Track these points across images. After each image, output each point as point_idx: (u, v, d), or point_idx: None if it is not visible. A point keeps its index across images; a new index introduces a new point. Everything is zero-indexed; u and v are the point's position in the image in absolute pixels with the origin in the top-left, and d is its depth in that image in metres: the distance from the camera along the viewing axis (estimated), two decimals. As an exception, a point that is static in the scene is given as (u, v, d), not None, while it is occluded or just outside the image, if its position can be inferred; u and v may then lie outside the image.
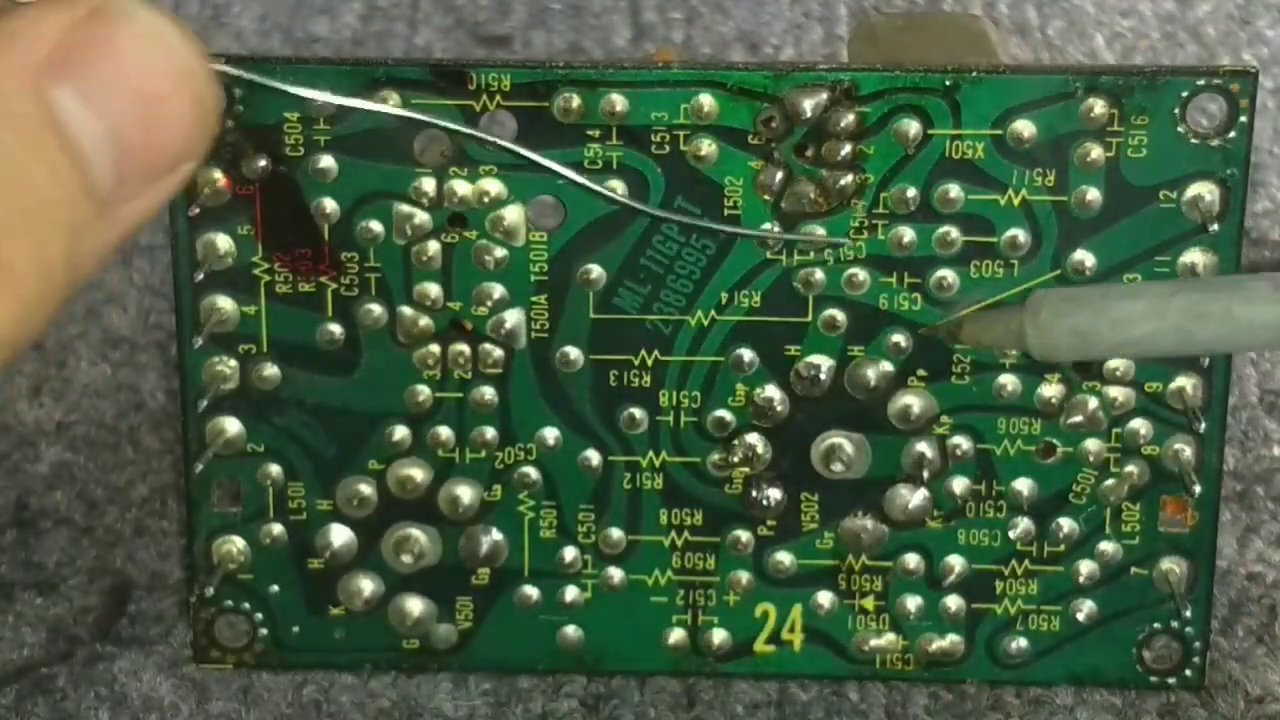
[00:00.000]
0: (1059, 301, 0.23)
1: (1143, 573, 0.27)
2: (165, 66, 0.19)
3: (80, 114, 0.19)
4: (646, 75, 0.25)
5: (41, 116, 0.18)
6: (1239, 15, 0.42)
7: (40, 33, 0.19)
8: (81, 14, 0.19)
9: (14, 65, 0.18)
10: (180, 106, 0.19)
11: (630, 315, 0.26)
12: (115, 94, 0.19)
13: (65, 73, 0.19)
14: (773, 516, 0.27)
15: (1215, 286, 0.22)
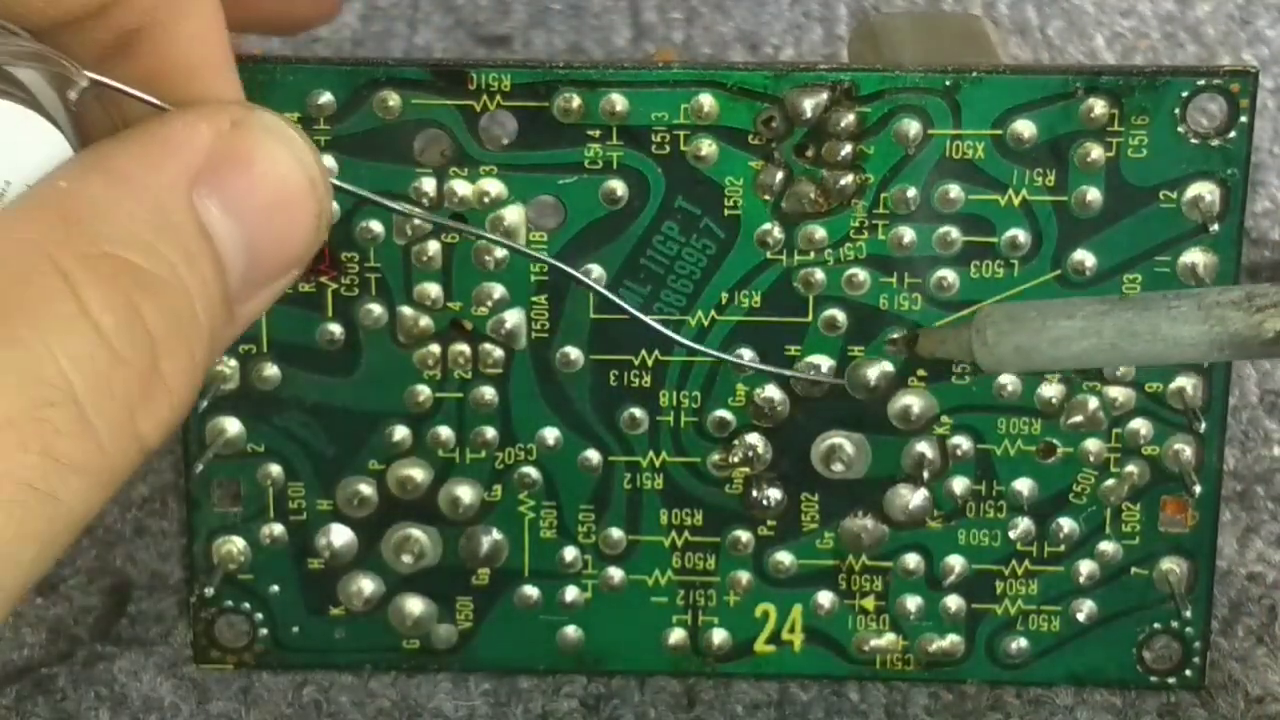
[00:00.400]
0: (1003, 320, 0.24)
1: (1143, 573, 0.27)
2: (296, 178, 0.20)
3: (223, 223, 0.19)
4: (647, 75, 0.25)
5: (196, 227, 0.19)
6: (1239, 15, 0.42)
7: (192, 143, 0.19)
8: (226, 125, 0.20)
9: (170, 177, 0.19)
10: (305, 216, 0.20)
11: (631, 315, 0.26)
12: (252, 204, 0.20)
13: (212, 183, 0.19)
14: (773, 517, 0.27)
15: (1144, 305, 0.23)
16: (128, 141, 0.19)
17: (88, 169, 0.19)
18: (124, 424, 0.18)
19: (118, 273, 0.18)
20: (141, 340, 0.18)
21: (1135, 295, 0.23)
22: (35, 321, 0.17)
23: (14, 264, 0.18)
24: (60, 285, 0.18)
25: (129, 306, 0.18)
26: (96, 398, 0.18)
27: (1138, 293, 0.24)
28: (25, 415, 0.17)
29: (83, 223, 0.18)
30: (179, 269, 0.19)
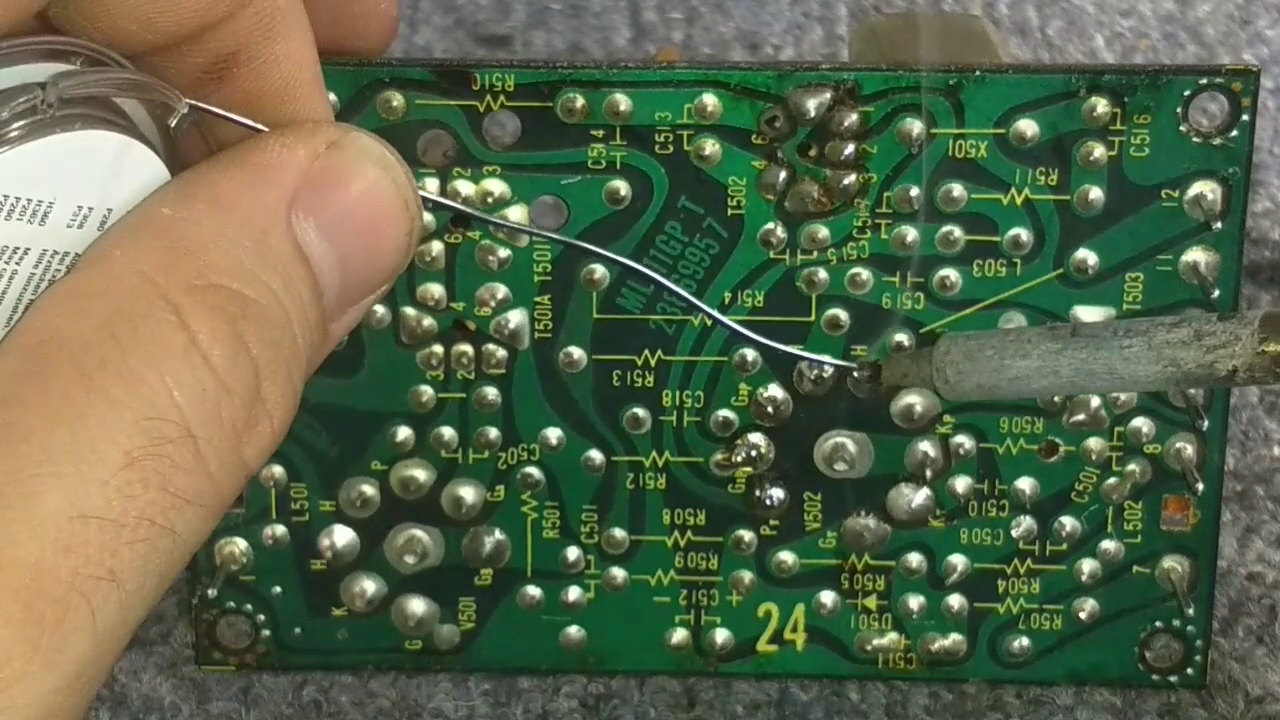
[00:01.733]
0: (961, 360, 0.24)
1: (1145, 571, 0.27)
2: (388, 198, 0.20)
3: (319, 245, 0.20)
4: (650, 75, 0.25)
5: (294, 251, 0.19)
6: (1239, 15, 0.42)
7: (290, 166, 0.20)
8: (322, 147, 0.20)
9: (270, 202, 0.19)
10: (397, 235, 0.21)
11: (633, 315, 0.26)
12: (347, 225, 0.20)
13: (308, 205, 0.19)
14: (775, 516, 0.27)
15: (1097, 345, 0.23)
16: (227, 165, 0.20)
17: (190, 195, 0.19)
18: (231, 453, 0.18)
19: (224, 303, 0.18)
20: (247, 369, 0.18)
21: (1084, 329, 0.23)
22: (150, 356, 0.18)
23: (126, 296, 0.18)
24: (171, 318, 0.18)
25: (235, 336, 0.18)
26: (207, 430, 0.18)
27: (1084, 323, 0.24)
28: (145, 452, 0.17)
29: (190, 253, 0.18)
30: (279, 294, 0.19)
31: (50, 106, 0.18)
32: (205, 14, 0.19)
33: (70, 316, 0.18)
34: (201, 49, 0.19)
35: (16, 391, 0.17)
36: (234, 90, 0.20)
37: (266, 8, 0.20)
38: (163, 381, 0.18)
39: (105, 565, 0.17)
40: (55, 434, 0.17)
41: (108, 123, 0.19)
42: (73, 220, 0.19)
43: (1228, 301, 0.26)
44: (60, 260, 0.19)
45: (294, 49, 0.20)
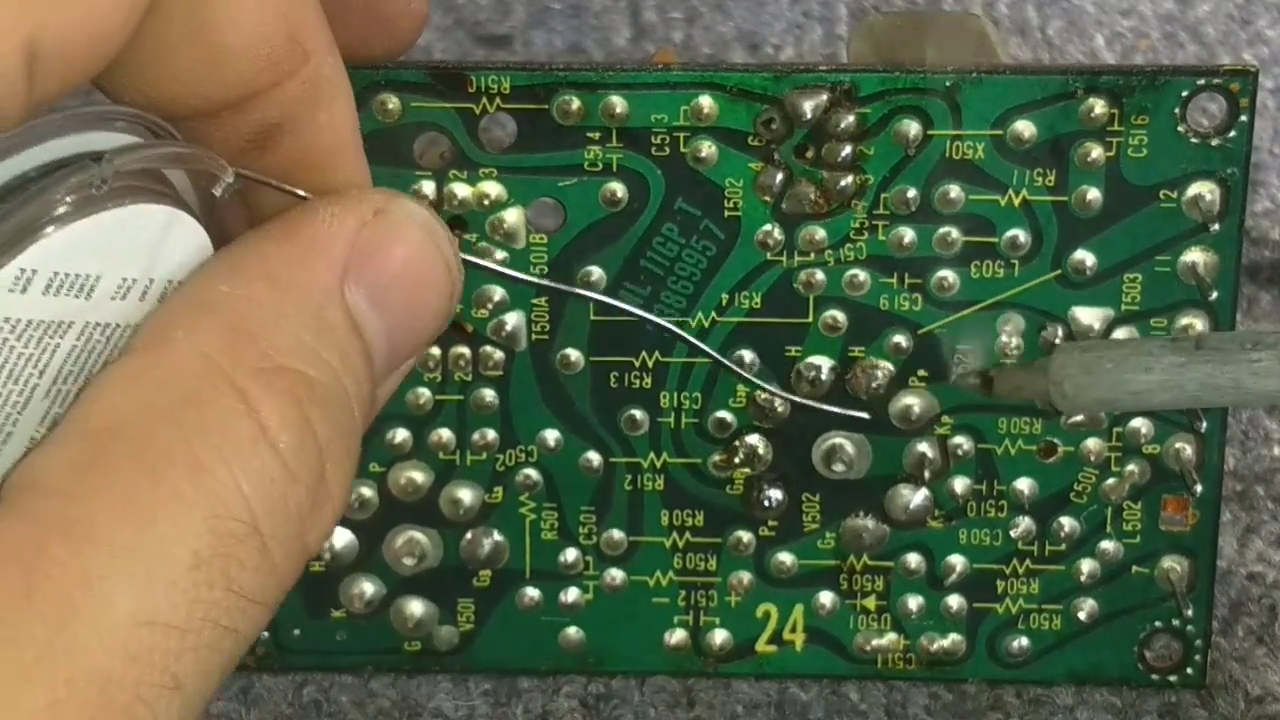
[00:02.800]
0: (1079, 374, 0.24)
1: (1144, 571, 0.27)
2: (433, 264, 0.20)
3: (370, 315, 0.19)
4: (646, 77, 0.25)
5: (349, 324, 0.19)
6: (1239, 15, 0.42)
7: (340, 236, 0.19)
8: (369, 215, 0.20)
9: (324, 275, 0.19)
10: (439, 299, 0.20)
11: (630, 317, 0.26)
12: (394, 292, 0.20)
13: (358, 276, 0.19)
14: (774, 517, 0.27)
15: (1224, 358, 0.23)
16: (279, 239, 0.19)
17: (246, 271, 0.19)
18: (295, 540, 0.18)
19: (291, 386, 0.18)
20: (313, 454, 0.18)
21: (1208, 341, 0.23)
22: (218, 448, 0.17)
23: (191, 381, 0.18)
24: (239, 405, 0.18)
25: (302, 420, 0.18)
26: (274, 523, 0.18)
27: (1207, 334, 0.24)
28: (213, 552, 0.17)
29: (252, 335, 0.18)
30: (338, 371, 0.19)
31: (105, 183, 0.18)
32: (252, 82, 0.19)
33: (134, 403, 0.17)
34: (246, 117, 0.19)
35: (81, 486, 0.17)
36: (277, 157, 0.20)
37: (312, 76, 0.19)
38: (231, 475, 0.17)
39: (169, 672, 0.16)
40: (122, 532, 0.16)
41: (156, 194, 0.19)
42: (117, 292, 0.18)
43: (1226, 303, 0.26)
44: (102, 332, 0.18)
45: (338, 116, 0.20)
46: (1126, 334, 0.26)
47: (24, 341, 0.18)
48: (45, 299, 0.17)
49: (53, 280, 0.17)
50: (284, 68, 0.19)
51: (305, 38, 0.19)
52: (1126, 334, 0.26)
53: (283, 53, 0.19)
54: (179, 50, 0.18)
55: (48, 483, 0.17)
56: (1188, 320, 0.26)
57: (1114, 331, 0.26)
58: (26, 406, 0.18)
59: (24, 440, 0.18)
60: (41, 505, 0.17)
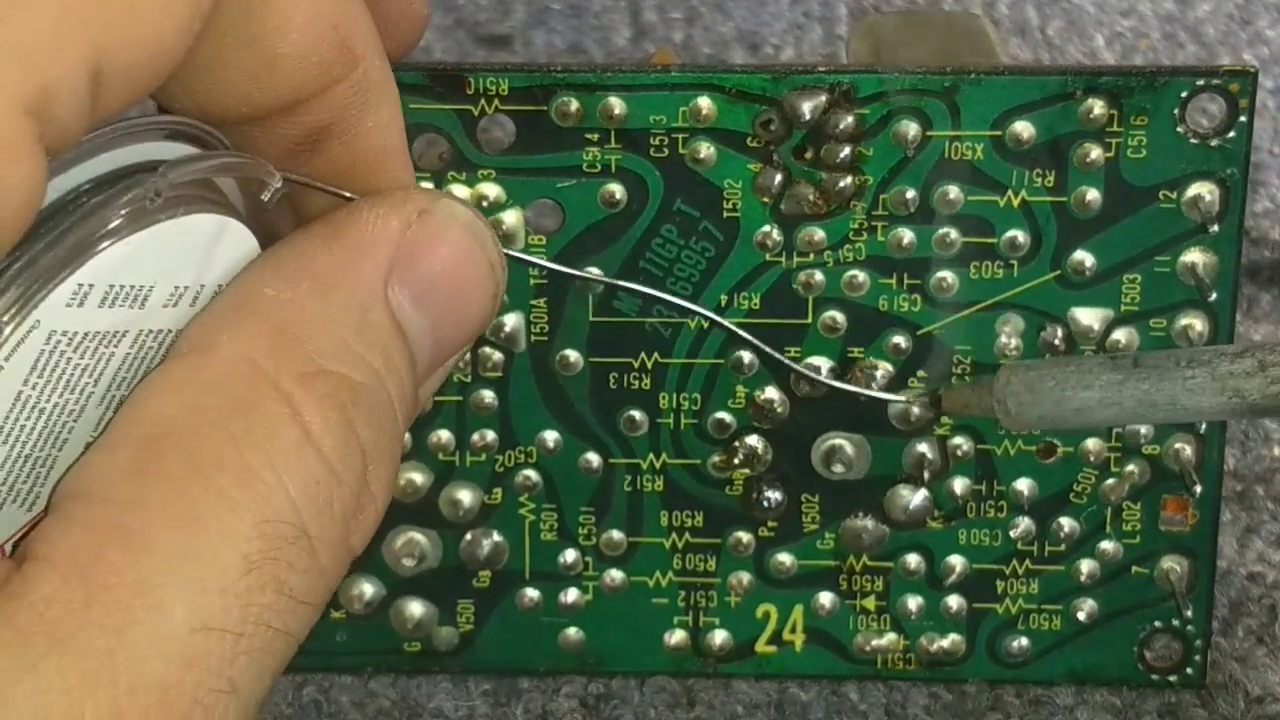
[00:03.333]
0: (1022, 392, 0.24)
1: (1143, 571, 0.27)
2: (477, 264, 0.20)
3: (413, 315, 0.20)
4: (645, 78, 0.25)
5: (393, 325, 0.19)
6: (1239, 15, 0.42)
7: (385, 237, 0.19)
8: (414, 215, 0.20)
9: (368, 276, 0.19)
10: (483, 299, 0.20)
11: (629, 318, 0.26)
12: (438, 293, 0.20)
13: (401, 275, 0.19)
14: (773, 518, 0.27)
15: (1159, 375, 0.23)
16: (324, 240, 0.19)
17: (291, 274, 0.19)
18: (340, 543, 0.18)
19: (334, 390, 0.18)
20: (357, 456, 0.18)
21: (1145, 359, 0.23)
22: (265, 452, 0.17)
23: (237, 386, 0.18)
24: (284, 410, 0.18)
25: (346, 424, 0.18)
26: (320, 525, 0.18)
27: (1145, 353, 0.24)
28: (264, 556, 0.17)
29: (298, 339, 0.18)
30: (381, 374, 0.19)
31: (159, 195, 0.18)
32: (302, 88, 0.19)
33: (182, 408, 0.18)
34: (295, 121, 0.19)
35: (135, 493, 0.17)
36: (325, 160, 0.20)
37: (361, 80, 0.19)
38: (279, 479, 0.17)
39: (225, 676, 0.17)
40: (176, 539, 0.17)
41: (207, 202, 0.19)
42: (169, 300, 0.18)
43: (1226, 303, 0.26)
44: (155, 339, 0.19)
45: (385, 119, 0.20)
46: (1126, 335, 0.26)
47: (80, 353, 0.18)
48: (101, 311, 0.18)
49: (109, 293, 0.18)
50: (333, 73, 0.19)
51: (354, 43, 0.19)
52: (1126, 335, 0.26)
53: (333, 58, 0.19)
54: (232, 59, 0.18)
55: (101, 490, 0.17)
56: (1187, 321, 0.26)
57: (1113, 333, 0.26)
58: (81, 414, 0.18)
59: (79, 445, 0.18)
60: (97, 513, 0.17)
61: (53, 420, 0.18)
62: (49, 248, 0.17)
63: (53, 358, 0.17)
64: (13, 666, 0.16)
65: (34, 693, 0.16)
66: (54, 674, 0.16)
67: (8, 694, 0.16)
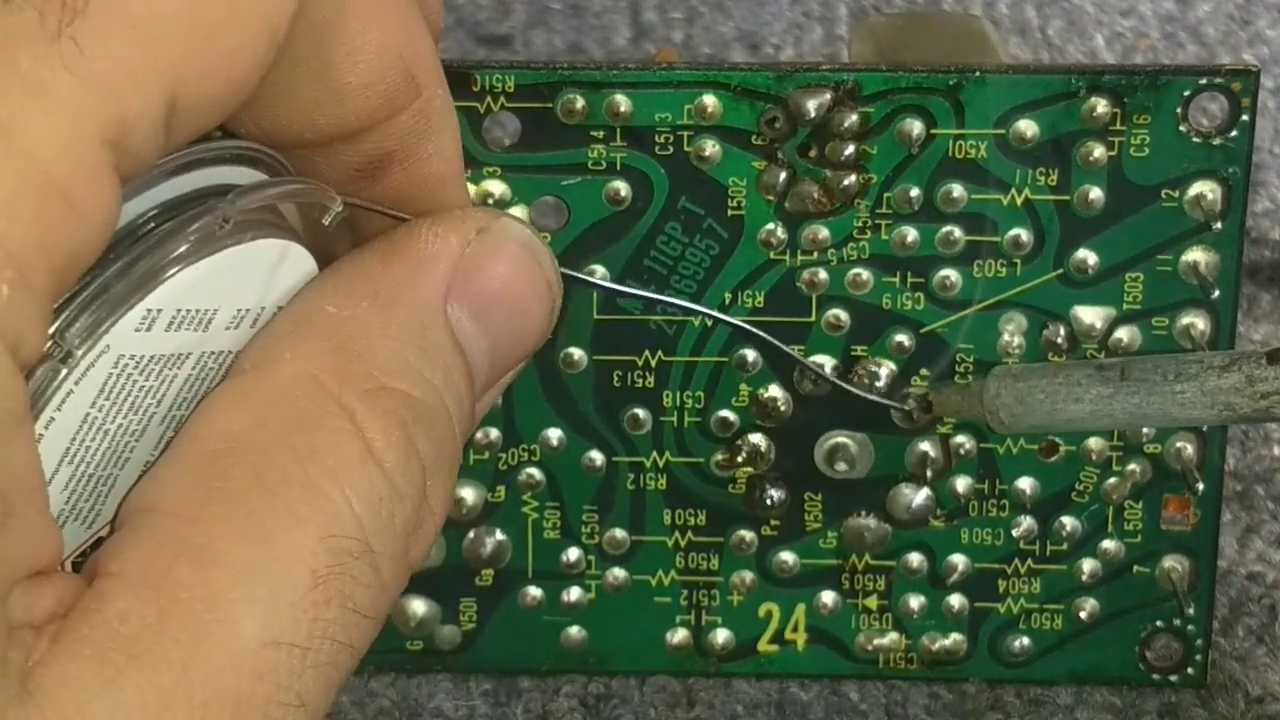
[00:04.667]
0: (1013, 404, 0.25)
1: (1145, 571, 0.27)
2: (535, 282, 0.20)
3: (472, 332, 0.20)
4: (650, 76, 0.25)
5: (452, 343, 0.19)
6: (1239, 15, 0.42)
7: (444, 256, 0.20)
8: (472, 233, 0.20)
9: (428, 294, 0.19)
10: (540, 316, 0.21)
11: (634, 315, 0.26)
12: (497, 310, 0.20)
13: (461, 294, 0.20)
14: (776, 516, 0.27)
15: (1149, 389, 0.23)
16: (384, 258, 0.19)
17: (352, 292, 0.19)
18: (401, 557, 0.18)
19: (395, 406, 0.18)
20: (416, 472, 0.18)
21: (1133, 370, 0.24)
22: (329, 468, 0.18)
23: (301, 403, 0.18)
24: (347, 426, 0.18)
25: (406, 440, 0.18)
26: (383, 540, 0.18)
27: (1133, 361, 0.24)
28: (330, 571, 0.17)
29: (360, 355, 0.18)
30: (441, 390, 0.19)
31: (227, 222, 0.18)
32: (368, 116, 0.19)
33: (246, 424, 0.18)
34: (358, 147, 0.19)
35: (202, 508, 0.17)
36: (385, 185, 0.20)
37: (424, 108, 0.19)
38: (343, 494, 0.18)
39: (294, 690, 0.17)
40: (244, 554, 0.17)
41: (271, 227, 0.19)
42: (231, 322, 0.19)
43: (1228, 302, 0.26)
44: (215, 359, 0.19)
45: (445, 145, 0.20)
46: (1128, 334, 0.26)
47: (145, 375, 0.18)
48: (167, 335, 0.18)
49: (175, 317, 0.18)
50: (398, 101, 0.19)
51: (418, 72, 0.19)
52: (1128, 334, 0.26)
53: (398, 87, 0.19)
54: (300, 87, 0.18)
55: (170, 505, 0.17)
56: (1189, 319, 0.26)
57: (1115, 331, 0.26)
58: (143, 434, 0.18)
59: (139, 464, 0.19)
60: (166, 528, 0.17)
61: (116, 440, 0.18)
62: (121, 274, 0.17)
63: (120, 380, 0.18)
64: (92, 682, 0.16)
65: (114, 708, 0.16)
66: (132, 689, 0.16)
67: (89, 709, 0.16)
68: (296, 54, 0.18)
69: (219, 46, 0.16)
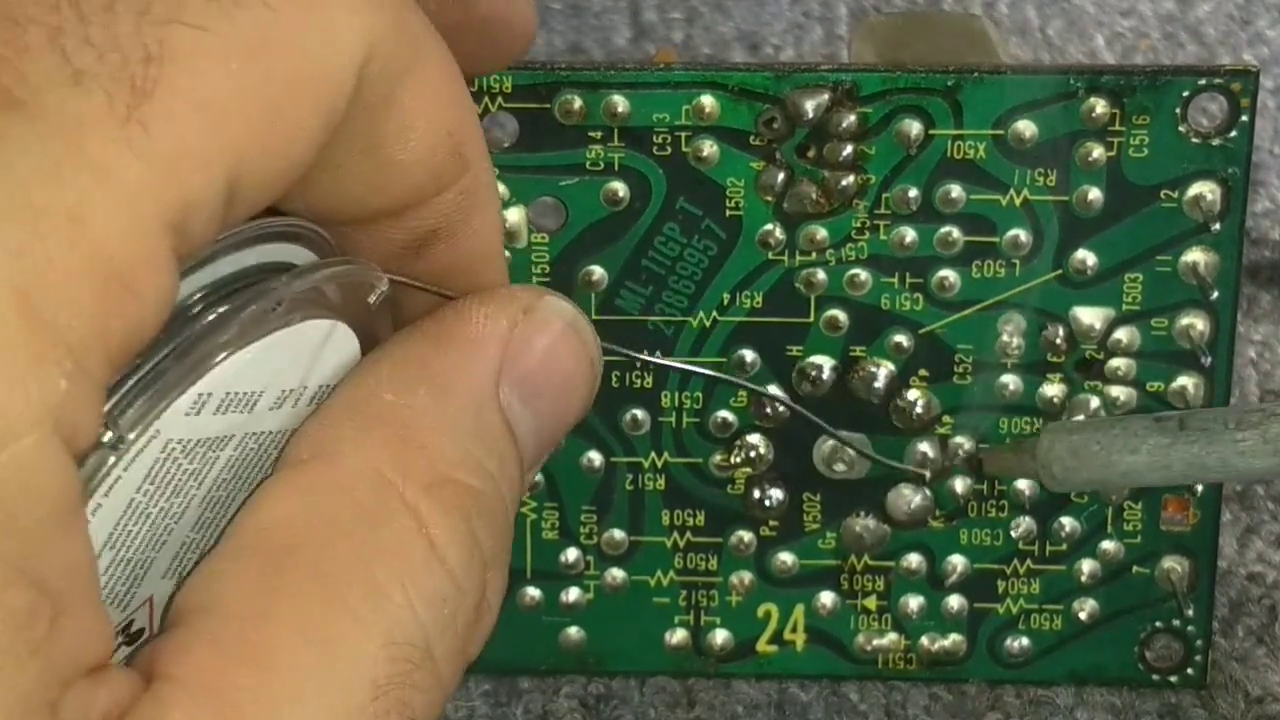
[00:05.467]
0: (1067, 456, 0.25)
1: (1144, 571, 0.27)
2: (579, 359, 0.20)
3: (521, 413, 0.19)
4: (648, 77, 0.25)
5: (504, 427, 0.19)
6: (1239, 15, 0.42)
7: (494, 338, 0.19)
8: (519, 313, 0.20)
9: (481, 378, 0.19)
10: (583, 394, 0.21)
11: (632, 316, 0.26)
12: (544, 390, 0.20)
13: (509, 374, 0.19)
14: (775, 517, 0.27)
15: (1209, 438, 0.23)
16: (436, 341, 0.19)
17: (408, 378, 0.19)
18: (459, 655, 0.18)
19: (459, 501, 0.18)
20: (478, 567, 0.18)
21: (1192, 420, 0.23)
22: (394, 569, 0.17)
23: (364, 498, 0.18)
24: (412, 524, 0.18)
25: (469, 534, 0.18)
26: (444, 643, 0.18)
27: (1192, 413, 0.24)
28: (391, 681, 0.17)
29: (422, 447, 0.18)
30: (497, 478, 0.19)
31: (279, 305, 0.18)
32: (414, 194, 0.19)
33: (308, 518, 0.17)
34: (404, 224, 0.19)
35: (267, 607, 0.17)
36: (428, 262, 0.20)
37: (470, 185, 0.19)
38: (407, 598, 0.17)
39: None
40: (306, 658, 0.17)
41: (318, 306, 0.19)
42: (276, 403, 0.19)
43: (1227, 302, 0.26)
44: (257, 440, 0.19)
45: (488, 222, 0.20)
46: (1127, 335, 0.26)
47: (190, 458, 0.18)
48: (214, 418, 0.18)
49: (224, 400, 0.18)
50: (445, 179, 0.19)
51: (466, 149, 0.19)
52: (1127, 335, 0.26)
53: (446, 165, 0.19)
54: (350, 164, 0.18)
55: (230, 605, 0.17)
56: (1189, 320, 0.26)
57: (1115, 332, 0.26)
58: (182, 516, 0.18)
59: (176, 545, 0.18)
60: (226, 630, 0.17)
61: (156, 524, 0.18)
62: (175, 359, 0.17)
63: (165, 465, 0.18)
64: None
65: None
66: None
67: None
68: (349, 131, 0.18)
69: (279, 127, 0.16)
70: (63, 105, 0.15)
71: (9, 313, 0.14)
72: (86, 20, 0.15)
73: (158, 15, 0.15)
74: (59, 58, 0.15)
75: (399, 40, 0.17)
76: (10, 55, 0.15)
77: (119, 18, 0.15)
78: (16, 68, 0.15)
